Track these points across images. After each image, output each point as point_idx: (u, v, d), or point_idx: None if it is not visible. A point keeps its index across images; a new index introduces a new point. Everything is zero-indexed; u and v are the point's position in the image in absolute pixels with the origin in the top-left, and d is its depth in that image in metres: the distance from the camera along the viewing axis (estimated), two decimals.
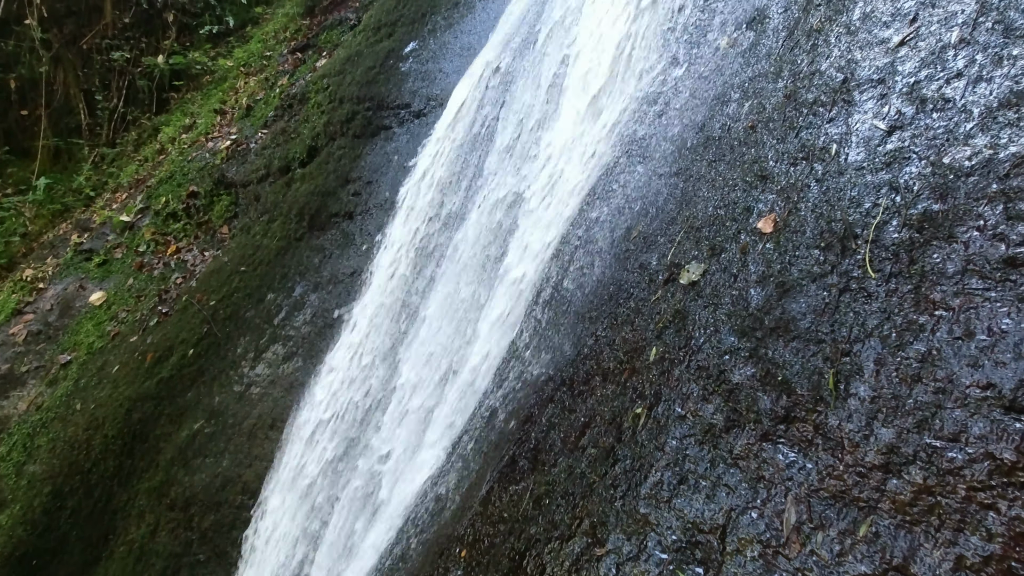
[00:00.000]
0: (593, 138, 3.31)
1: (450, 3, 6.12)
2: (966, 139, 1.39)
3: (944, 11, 1.65)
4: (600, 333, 2.24)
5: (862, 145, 1.63)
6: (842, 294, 1.45)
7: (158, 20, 8.33)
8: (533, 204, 3.50)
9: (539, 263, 3.09)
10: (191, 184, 6.28)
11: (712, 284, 1.81)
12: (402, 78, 5.78)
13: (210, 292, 5.55)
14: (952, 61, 1.54)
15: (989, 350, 1.18)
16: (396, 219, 4.85)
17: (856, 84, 1.78)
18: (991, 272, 1.22)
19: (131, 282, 5.84)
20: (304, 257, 5.51)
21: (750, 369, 1.55)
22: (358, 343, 4.39)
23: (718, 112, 2.49)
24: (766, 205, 1.81)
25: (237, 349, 5.39)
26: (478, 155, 4.35)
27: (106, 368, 5.35)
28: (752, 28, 2.69)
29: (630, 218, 2.57)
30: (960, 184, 1.35)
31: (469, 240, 3.84)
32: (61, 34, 7.62)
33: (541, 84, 3.91)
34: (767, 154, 1.97)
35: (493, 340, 3.13)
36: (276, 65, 7.54)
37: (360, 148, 5.59)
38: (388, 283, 4.52)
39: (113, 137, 8.02)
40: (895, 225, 1.43)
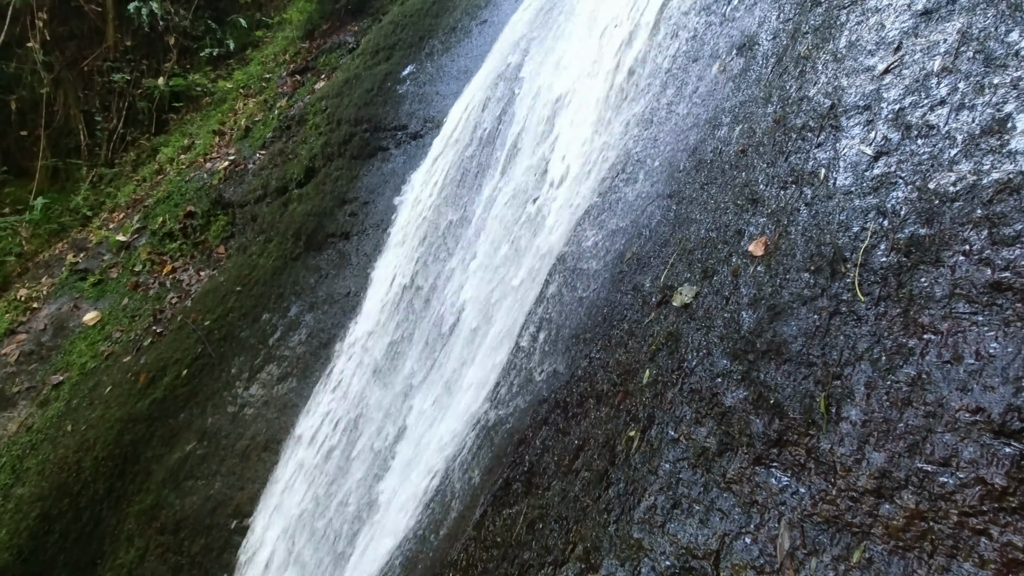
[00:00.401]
0: (587, 161, 3.34)
1: (447, 28, 6.23)
2: (950, 165, 1.41)
3: (927, 40, 1.69)
4: (594, 355, 2.24)
5: (850, 170, 1.66)
6: (832, 317, 1.46)
7: (159, 43, 8.43)
8: (529, 225, 3.53)
9: (535, 284, 3.10)
10: (188, 204, 6.31)
11: (705, 306, 1.81)
12: (399, 100, 5.86)
13: (205, 312, 5.54)
14: (935, 89, 1.57)
15: (978, 374, 1.18)
16: (391, 241, 4.88)
17: (843, 110, 1.82)
18: (977, 296, 1.24)
19: (126, 302, 5.82)
20: (300, 277, 5.51)
21: (742, 392, 1.55)
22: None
23: (710, 136, 2.52)
24: (757, 228, 1.83)
25: (231, 369, 5.35)
26: (475, 174, 4.39)
27: (98, 389, 5.30)
28: (742, 54, 2.74)
29: (624, 240, 2.59)
30: (945, 209, 1.37)
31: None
32: (63, 56, 7.70)
33: (535, 108, 3.97)
34: (758, 177, 1.99)
35: (488, 362, 3.12)
36: (275, 87, 7.63)
37: (357, 169, 5.63)
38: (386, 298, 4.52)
39: (112, 157, 8.07)
40: (883, 249, 1.44)
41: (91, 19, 7.80)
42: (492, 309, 3.32)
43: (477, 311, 3.44)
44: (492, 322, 3.24)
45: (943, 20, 1.69)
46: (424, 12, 6.62)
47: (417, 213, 4.59)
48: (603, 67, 3.59)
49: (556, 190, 3.32)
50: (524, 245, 3.33)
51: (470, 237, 4.00)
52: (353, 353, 4.54)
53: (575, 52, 3.87)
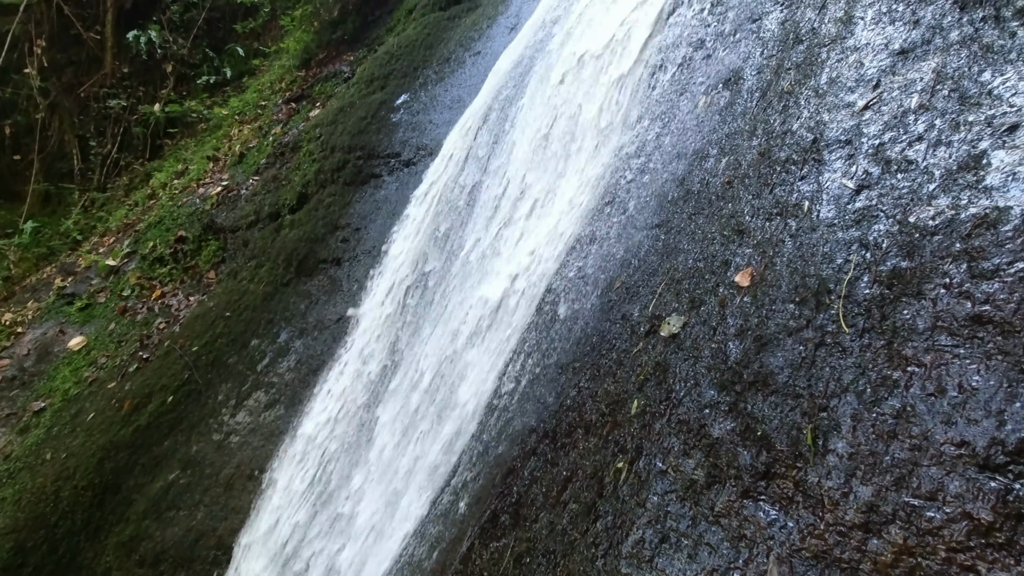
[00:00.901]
0: (578, 189, 3.38)
1: (441, 58, 6.34)
2: (929, 199, 1.44)
3: (904, 78, 1.74)
4: (583, 384, 2.23)
5: (832, 203, 1.69)
6: (818, 348, 1.47)
7: (157, 70, 8.53)
8: (518, 252, 3.54)
9: (525, 311, 3.10)
10: (180, 229, 6.30)
11: (692, 337, 1.82)
12: (393, 128, 5.92)
13: (193, 338, 5.48)
14: (913, 125, 1.61)
15: (961, 407, 1.19)
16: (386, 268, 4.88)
17: (825, 144, 1.86)
18: (959, 329, 1.25)
19: (113, 327, 5.76)
20: (290, 303, 5.48)
21: (730, 423, 1.55)
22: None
23: (697, 167, 2.57)
24: (743, 259, 1.85)
25: (218, 396, 5.28)
26: (466, 201, 4.43)
27: (81, 416, 5.20)
28: (728, 88, 2.81)
29: (613, 269, 2.60)
30: (926, 242, 1.39)
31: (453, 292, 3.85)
32: (60, 82, 7.77)
33: (527, 137, 4.03)
34: (744, 209, 2.02)
35: (478, 387, 3.09)
36: (271, 114, 7.71)
37: (350, 196, 5.66)
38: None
39: (105, 182, 8.08)
40: (866, 281, 1.46)
41: (90, 47, 7.90)
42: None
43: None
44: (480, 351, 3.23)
45: (919, 59, 1.74)
46: (419, 43, 6.75)
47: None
48: (593, 98, 3.65)
49: (545, 220, 3.35)
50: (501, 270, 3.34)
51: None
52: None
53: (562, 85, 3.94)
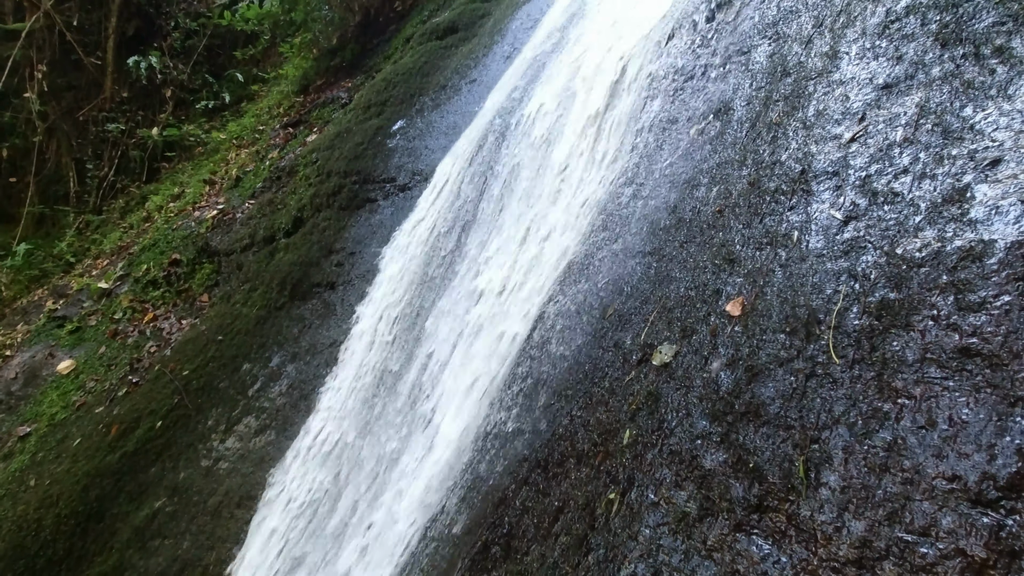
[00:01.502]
0: (572, 215, 3.41)
1: (437, 86, 6.44)
2: (916, 231, 1.45)
3: (888, 112, 1.77)
4: (575, 413, 2.21)
5: (821, 233, 1.70)
6: (808, 379, 1.47)
7: (156, 95, 8.62)
8: (513, 277, 3.55)
9: (517, 336, 3.09)
10: (174, 252, 6.29)
11: (684, 366, 1.81)
12: (389, 154, 5.98)
13: (184, 361, 5.43)
14: (899, 158, 1.64)
15: (952, 440, 1.18)
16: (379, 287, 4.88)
17: (813, 175, 1.88)
18: (947, 361, 1.25)
19: (103, 350, 5.70)
20: (283, 327, 5.45)
21: (722, 455, 1.53)
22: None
23: (688, 196, 2.59)
24: (734, 288, 1.86)
25: (208, 421, 5.21)
26: (463, 225, 4.45)
27: (67, 441, 5.11)
28: (719, 118, 2.85)
29: (606, 296, 2.61)
30: (913, 274, 1.40)
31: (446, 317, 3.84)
32: (59, 106, 7.83)
33: (521, 164, 4.07)
34: (734, 238, 2.04)
35: (469, 415, 3.07)
36: (268, 139, 7.78)
37: (345, 220, 5.68)
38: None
39: (100, 204, 8.09)
40: (855, 312, 1.46)
41: (90, 71, 7.99)
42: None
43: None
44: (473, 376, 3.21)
45: (903, 94, 1.78)
46: (416, 71, 6.86)
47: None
48: (587, 126, 3.71)
49: (538, 245, 3.37)
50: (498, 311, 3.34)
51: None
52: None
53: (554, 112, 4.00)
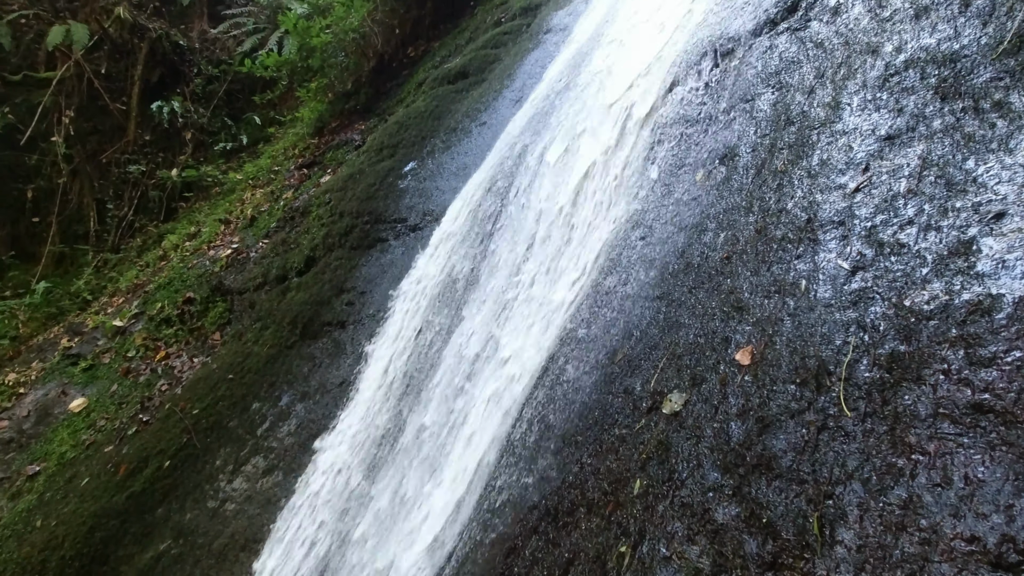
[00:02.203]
0: (581, 259, 3.44)
1: (448, 128, 6.61)
2: (923, 283, 1.46)
3: (891, 163, 1.80)
4: (585, 460, 2.19)
5: (829, 283, 1.71)
6: (820, 432, 1.45)
7: (176, 137, 8.90)
8: (521, 319, 3.57)
9: (528, 380, 3.08)
10: (188, 291, 6.38)
11: (694, 415, 1.80)
12: (400, 194, 6.10)
13: (195, 400, 5.45)
14: (903, 209, 1.66)
15: (969, 499, 1.16)
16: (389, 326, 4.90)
17: (819, 224, 1.90)
18: (961, 417, 1.24)
19: (115, 388, 5.74)
20: (294, 366, 5.47)
21: (734, 508, 1.51)
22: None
23: (696, 240, 2.62)
24: (743, 336, 1.86)
25: (216, 461, 5.19)
26: (470, 265, 4.49)
27: (75, 480, 5.10)
28: (725, 164, 2.90)
29: (615, 340, 2.61)
30: (922, 327, 1.40)
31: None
32: (83, 149, 8.11)
33: (530, 206, 4.14)
34: (742, 285, 2.05)
35: (477, 460, 3.03)
36: (283, 179, 7.97)
37: (357, 259, 5.76)
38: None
39: (118, 243, 8.27)
40: (866, 364, 1.46)
41: (115, 116, 8.29)
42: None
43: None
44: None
45: (905, 145, 1.81)
46: (427, 114, 7.05)
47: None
48: (595, 169, 3.77)
49: (546, 288, 3.39)
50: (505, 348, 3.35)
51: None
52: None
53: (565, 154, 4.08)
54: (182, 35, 9.49)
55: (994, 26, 1.75)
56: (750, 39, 3.19)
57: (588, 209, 3.66)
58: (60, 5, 8.03)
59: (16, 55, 7.97)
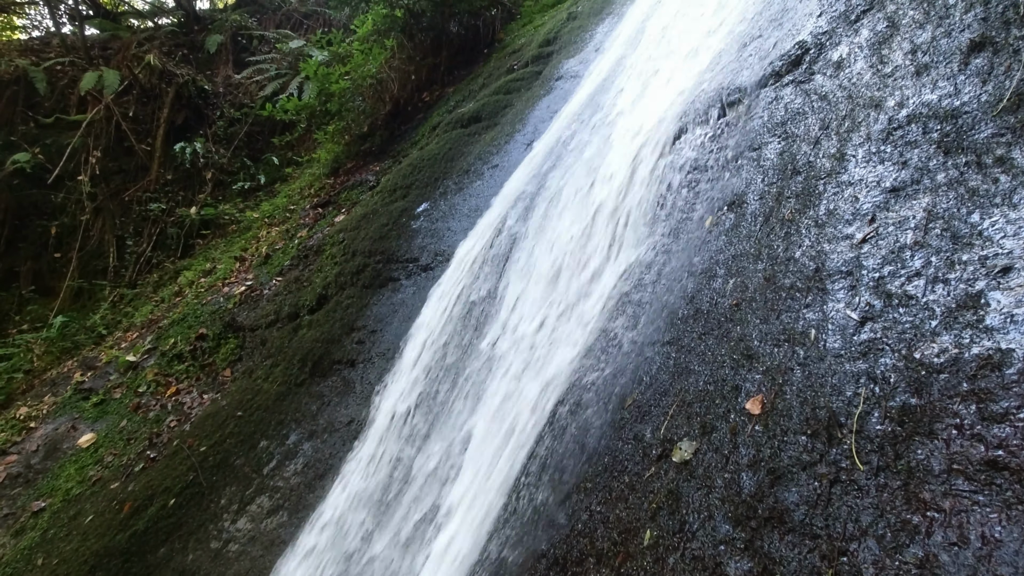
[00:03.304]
0: (592, 300, 3.46)
1: (461, 170, 6.76)
2: (932, 336, 1.47)
3: (897, 215, 1.83)
4: (594, 508, 2.16)
5: (838, 333, 1.72)
6: (833, 486, 1.44)
7: (197, 177, 9.16)
8: (531, 357, 3.57)
9: (537, 422, 3.07)
10: (201, 327, 6.46)
11: (704, 464, 1.79)
12: (412, 234, 6.20)
13: (203, 437, 5.44)
14: (910, 261, 1.68)
15: (987, 560, 1.14)
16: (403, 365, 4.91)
17: (827, 274, 1.92)
18: (975, 474, 1.22)
19: (124, 424, 5.75)
20: (302, 404, 5.47)
21: (747, 563, 1.48)
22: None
23: (705, 286, 2.64)
24: (753, 385, 1.86)
25: (221, 500, 5.14)
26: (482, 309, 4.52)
27: (79, 518, 5.06)
28: (733, 210, 2.94)
29: (625, 385, 2.61)
30: (933, 380, 1.40)
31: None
32: (107, 188, 8.37)
33: (541, 247, 4.19)
34: (752, 333, 2.05)
35: (483, 506, 2.99)
36: (298, 218, 8.14)
37: (368, 298, 5.82)
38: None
39: (136, 279, 8.43)
40: (877, 416, 1.45)
41: (140, 156, 8.58)
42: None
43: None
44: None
45: (910, 198, 1.84)
46: (441, 156, 7.24)
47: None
48: (605, 213, 3.84)
49: (557, 331, 3.40)
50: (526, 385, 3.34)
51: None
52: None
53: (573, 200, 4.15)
54: (207, 80, 9.89)
55: (993, 84, 1.80)
56: (756, 90, 3.28)
57: (599, 251, 3.70)
58: (94, 53, 8.44)
59: (50, 99, 8.35)
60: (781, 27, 3.43)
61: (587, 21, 8.08)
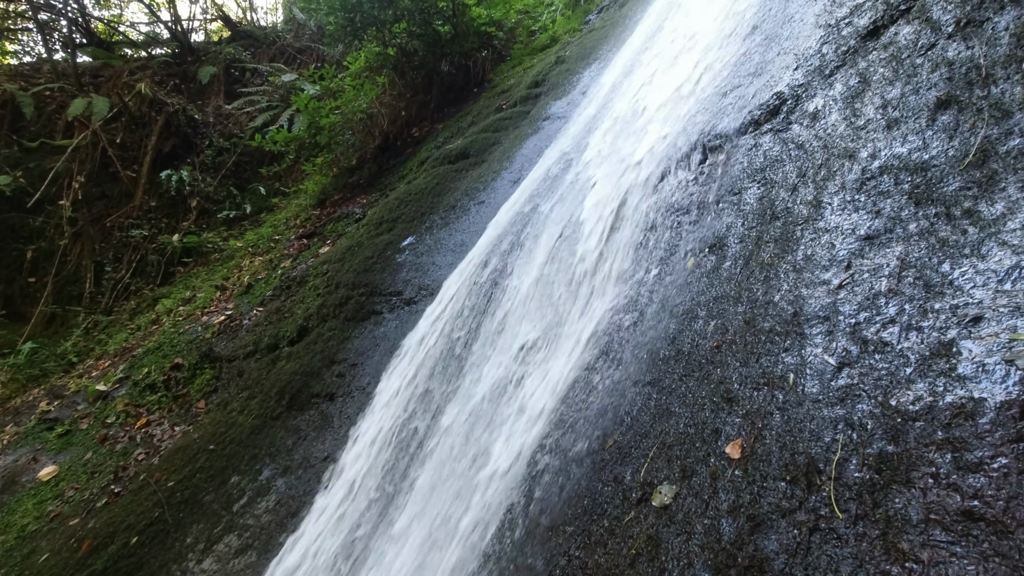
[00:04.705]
0: (574, 339, 3.46)
1: (447, 206, 6.82)
2: (908, 383, 1.48)
3: (872, 262, 1.87)
4: (573, 552, 2.11)
5: (816, 377, 1.73)
6: (812, 534, 1.42)
7: (182, 204, 9.11)
8: (512, 399, 3.53)
9: (516, 460, 3.01)
10: (177, 356, 6.32)
11: (684, 509, 1.76)
12: (397, 268, 6.19)
13: (171, 471, 5.25)
14: (885, 308, 1.71)
15: None
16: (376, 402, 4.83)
17: (805, 318, 1.95)
18: (952, 524, 1.22)
19: (89, 456, 5.54)
20: (278, 438, 5.33)
21: None
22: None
23: (687, 327, 2.65)
24: (733, 429, 1.85)
25: (187, 538, 4.93)
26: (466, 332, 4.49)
27: (33, 556, 4.81)
28: (714, 253, 2.99)
29: (606, 425, 2.58)
30: (909, 428, 1.41)
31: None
32: (89, 213, 8.28)
33: (524, 285, 4.20)
34: (732, 376, 2.06)
35: (459, 552, 2.91)
36: (282, 248, 8.10)
37: (350, 331, 5.76)
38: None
39: (112, 305, 8.26)
40: (855, 464, 1.45)
41: (124, 182, 8.52)
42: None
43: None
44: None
45: (884, 246, 1.89)
46: (428, 191, 7.30)
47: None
48: (589, 253, 3.87)
49: (540, 367, 3.39)
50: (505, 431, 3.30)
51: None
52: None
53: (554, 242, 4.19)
54: (198, 110, 9.95)
55: (959, 140, 1.88)
56: (736, 136, 3.38)
57: (584, 290, 3.72)
58: (85, 80, 8.47)
59: (37, 124, 8.31)
60: (760, 78, 3.56)
61: (575, 65, 8.34)
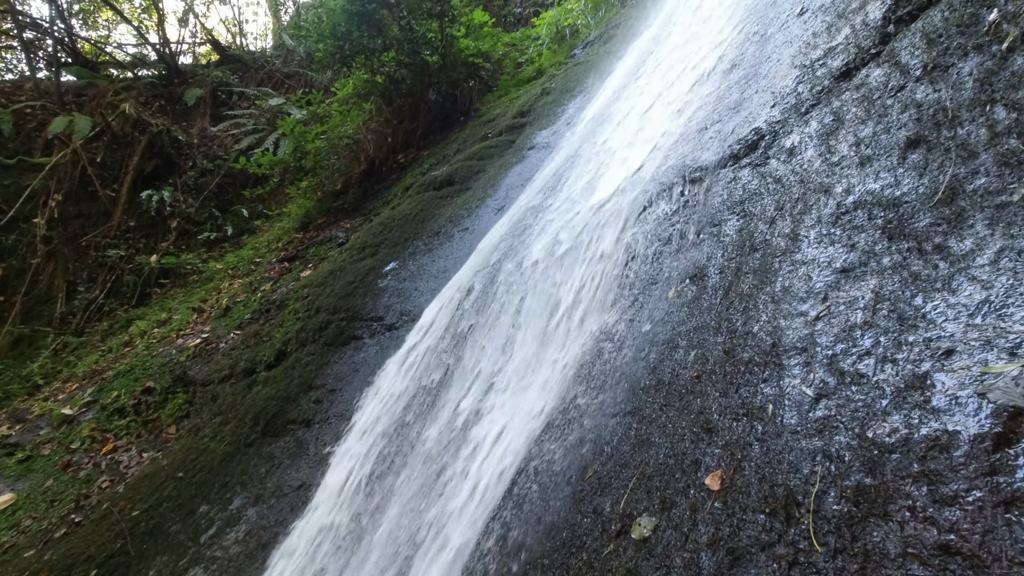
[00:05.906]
0: (552, 367, 3.44)
1: (431, 232, 6.82)
2: (884, 415, 1.49)
3: (847, 295, 1.90)
4: None
5: (794, 409, 1.74)
6: (791, 568, 1.41)
7: (161, 225, 8.99)
8: (491, 425, 3.48)
9: (493, 491, 2.96)
10: (149, 379, 6.15)
11: (664, 542, 1.73)
12: (379, 293, 6.15)
13: (137, 500, 5.06)
14: (861, 340, 1.73)
15: None
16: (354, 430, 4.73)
17: (783, 350, 1.96)
18: (929, 559, 1.22)
19: (50, 483, 5.31)
20: (251, 465, 5.18)
21: None
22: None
23: (667, 357, 2.66)
24: (713, 460, 1.84)
25: (149, 572, 4.72)
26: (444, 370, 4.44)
27: None
28: (695, 283, 3.02)
29: (586, 455, 2.55)
30: (885, 460, 1.41)
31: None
32: (64, 231, 8.12)
33: (507, 313, 4.19)
34: (711, 406, 2.06)
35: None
36: (263, 271, 8.01)
37: (329, 356, 5.67)
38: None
39: (83, 326, 8.04)
40: (833, 496, 1.45)
41: (103, 201, 8.41)
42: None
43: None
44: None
45: (859, 279, 1.92)
46: (412, 217, 7.31)
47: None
48: (570, 281, 3.89)
49: (519, 395, 3.36)
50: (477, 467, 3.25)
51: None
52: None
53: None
54: (182, 131, 9.91)
55: (929, 178, 1.94)
56: (716, 170, 3.46)
57: (564, 319, 3.72)
58: (68, 99, 8.41)
59: (15, 140, 8.20)
60: (739, 114, 3.66)
61: (560, 96, 8.51)
